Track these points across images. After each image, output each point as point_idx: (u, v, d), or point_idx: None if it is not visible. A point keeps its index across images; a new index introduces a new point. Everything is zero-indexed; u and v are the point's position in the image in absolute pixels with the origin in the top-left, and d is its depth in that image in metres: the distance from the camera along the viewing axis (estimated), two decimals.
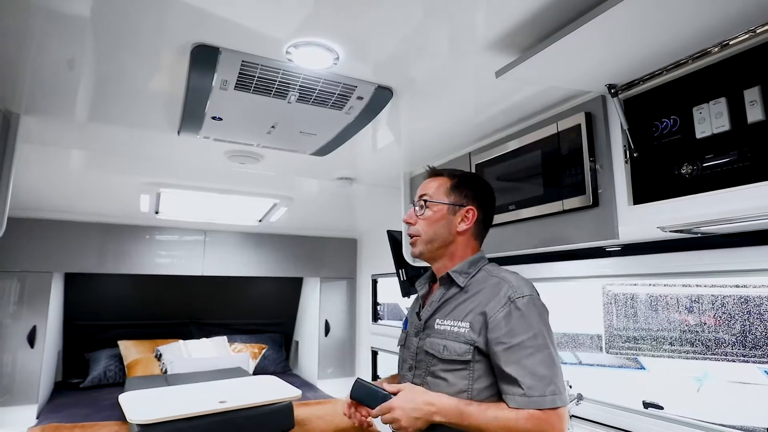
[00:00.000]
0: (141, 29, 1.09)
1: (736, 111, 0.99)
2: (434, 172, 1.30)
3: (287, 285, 4.13)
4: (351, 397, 1.19)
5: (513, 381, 1.01)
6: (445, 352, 1.11)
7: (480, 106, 1.53)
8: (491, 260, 1.26)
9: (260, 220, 3.19)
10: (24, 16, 1.04)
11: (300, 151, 1.87)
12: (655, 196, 1.16)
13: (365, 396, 1.16)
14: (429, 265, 1.31)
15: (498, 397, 1.07)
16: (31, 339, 2.76)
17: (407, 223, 1.26)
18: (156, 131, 1.72)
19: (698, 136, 1.06)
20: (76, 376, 3.32)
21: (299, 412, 2.48)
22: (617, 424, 1.68)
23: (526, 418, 0.98)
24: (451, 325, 1.13)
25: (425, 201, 1.24)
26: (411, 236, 1.25)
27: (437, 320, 1.17)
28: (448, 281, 1.21)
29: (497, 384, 1.07)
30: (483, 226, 1.27)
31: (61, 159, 2.05)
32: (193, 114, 1.49)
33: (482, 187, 1.28)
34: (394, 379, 1.35)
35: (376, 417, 1.12)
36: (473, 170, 1.80)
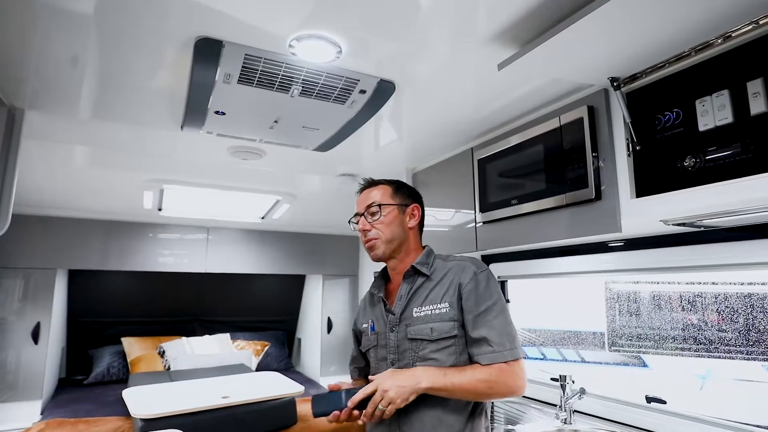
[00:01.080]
0: (144, 24, 1.10)
1: (739, 103, 0.99)
2: (371, 183, 1.42)
3: (290, 282, 4.13)
4: (315, 415, 1.18)
5: (483, 341, 1.18)
6: (434, 333, 1.22)
7: (482, 100, 1.53)
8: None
9: (263, 218, 3.19)
10: (28, 13, 1.05)
11: (303, 147, 1.87)
12: (657, 189, 1.16)
13: (330, 403, 1.16)
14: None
15: None
16: (35, 335, 2.77)
17: (363, 231, 1.36)
18: (159, 127, 1.73)
19: (701, 128, 1.06)
20: (80, 373, 3.33)
21: (302, 408, 2.48)
22: (620, 418, 1.68)
23: (497, 370, 1.15)
24: (431, 309, 1.25)
25: (380, 206, 1.35)
26: (369, 241, 1.36)
27: (414, 309, 1.28)
28: (413, 274, 1.32)
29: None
30: (422, 222, 1.43)
31: (64, 155, 2.05)
32: (196, 109, 1.50)
33: (415, 190, 1.45)
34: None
35: (360, 405, 1.13)
36: (476, 166, 1.81)
